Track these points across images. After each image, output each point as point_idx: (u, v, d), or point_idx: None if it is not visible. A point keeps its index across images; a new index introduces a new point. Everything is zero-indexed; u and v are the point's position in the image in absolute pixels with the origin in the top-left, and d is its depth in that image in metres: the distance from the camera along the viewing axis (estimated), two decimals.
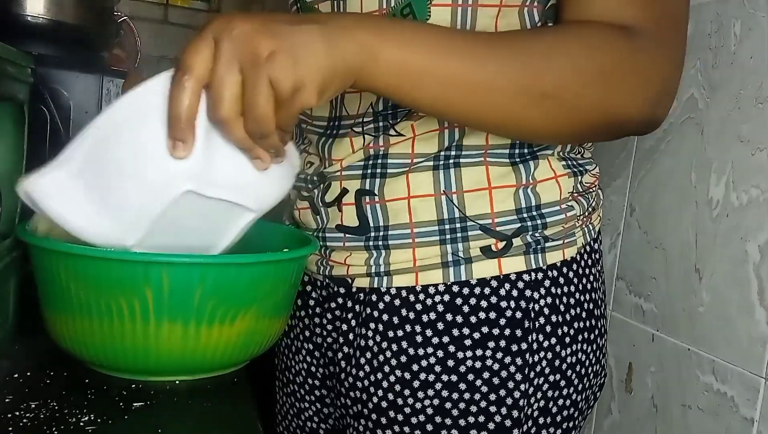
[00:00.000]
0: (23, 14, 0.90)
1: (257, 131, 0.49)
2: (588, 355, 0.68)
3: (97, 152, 0.52)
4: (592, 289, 0.69)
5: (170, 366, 0.58)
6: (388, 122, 0.64)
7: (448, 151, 0.64)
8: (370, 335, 0.66)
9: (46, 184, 0.53)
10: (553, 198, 0.65)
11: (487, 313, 0.64)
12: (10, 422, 0.48)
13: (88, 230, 0.53)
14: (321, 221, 0.70)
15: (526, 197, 0.64)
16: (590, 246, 0.70)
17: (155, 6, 2.02)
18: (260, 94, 0.47)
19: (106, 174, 0.52)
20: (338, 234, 0.68)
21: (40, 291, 0.59)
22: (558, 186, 0.66)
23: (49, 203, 0.53)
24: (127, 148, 0.51)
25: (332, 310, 0.72)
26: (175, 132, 0.49)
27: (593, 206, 0.70)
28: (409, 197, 0.64)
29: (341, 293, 0.70)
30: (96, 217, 0.53)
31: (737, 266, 0.74)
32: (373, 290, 0.67)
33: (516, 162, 0.64)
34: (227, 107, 0.47)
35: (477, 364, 0.63)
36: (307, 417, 0.79)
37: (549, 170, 0.65)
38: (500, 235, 0.64)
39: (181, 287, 0.54)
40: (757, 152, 0.72)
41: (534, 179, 0.65)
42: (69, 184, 0.52)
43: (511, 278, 0.64)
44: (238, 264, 0.57)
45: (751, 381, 0.71)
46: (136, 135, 0.51)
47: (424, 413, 0.64)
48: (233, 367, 0.63)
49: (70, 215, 0.53)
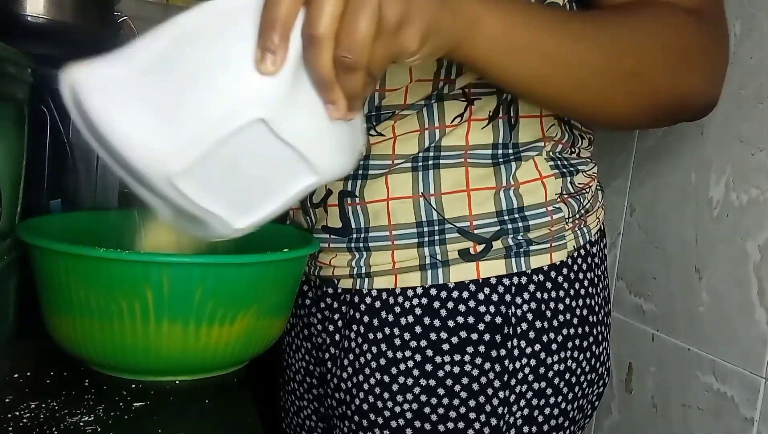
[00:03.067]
0: (23, 14, 0.90)
1: (348, 59, 0.42)
2: (580, 363, 0.66)
3: (169, 52, 0.44)
4: (587, 294, 0.67)
5: (170, 366, 0.58)
6: (371, 123, 0.64)
7: (428, 152, 0.63)
8: (353, 336, 0.66)
9: (98, 77, 0.46)
10: (537, 200, 0.64)
11: (466, 317, 0.62)
12: (10, 422, 0.48)
13: (133, 139, 0.45)
14: (310, 221, 0.71)
15: (507, 199, 0.63)
16: (585, 249, 0.67)
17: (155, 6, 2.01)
18: (364, 16, 0.41)
19: (175, 79, 0.45)
20: (324, 235, 0.68)
21: (40, 292, 0.59)
22: (543, 187, 0.64)
23: (96, 100, 0.45)
24: (207, 53, 0.44)
25: (322, 310, 0.72)
26: (266, 40, 0.42)
27: (587, 208, 0.68)
28: (388, 198, 0.64)
29: (329, 293, 0.70)
30: (148, 126, 0.45)
31: (737, 266, 0.74)
32: (357, 292, 0.67)
33: (498, 163, 0.63)
34: (326, 22, 0.41)
35: (455, 369, 0.62)
36: (306, 416, 0.79)
37: (534, 170, 0.64)
38: (478, 238, 0.62)
39: (181, 288, 0.54)
40: (757, 151, 0.72)
41: (516, 180, 0.63)
42: (126, 83, 0.45)
43: (490, 282, 0.63)
44: (238, 264, 0.57)
45: (751, 381, 0.71)
46: (221, 40, 0.44)
47: (404, 417, 0.63)
48: (233, 367, 0.63)
49: (118, 118, 0.45)
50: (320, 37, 0.42)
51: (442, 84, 0.61)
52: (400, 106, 0.63)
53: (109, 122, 0.45)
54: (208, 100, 0.45)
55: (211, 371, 0.61)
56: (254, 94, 0.45)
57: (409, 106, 0.63)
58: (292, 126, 0.47)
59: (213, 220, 0.50)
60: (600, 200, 0.72)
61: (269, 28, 0.42)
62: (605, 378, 0.71)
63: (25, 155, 0.67)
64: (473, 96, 0.63)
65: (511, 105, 0.63)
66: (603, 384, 0.71)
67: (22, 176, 0.67)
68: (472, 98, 0.62)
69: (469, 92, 0.62)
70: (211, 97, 0.45)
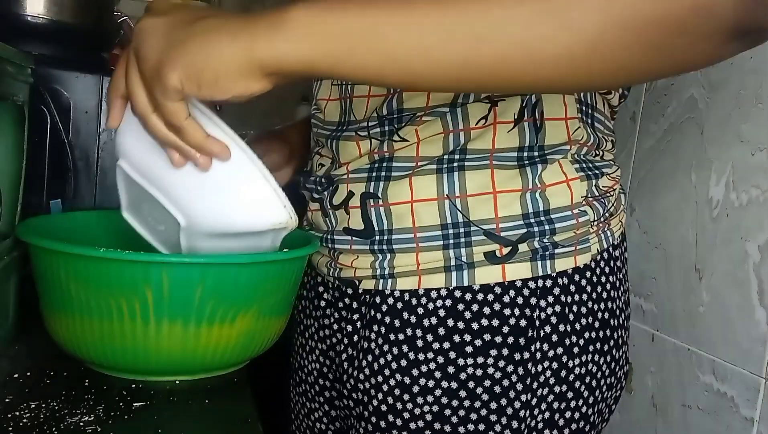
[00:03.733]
0: (23, 14, 0.90)
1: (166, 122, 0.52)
2: (600, 367, 0.65)
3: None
4: (608, 298, 0.66)
5: (170, 365, 0.58)
6: (393, 126, 0.64)
7: (453, 154, 0.62)
8: (373, 337, 0.66)
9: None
10: (563, 203, 0.63)
11: (490, 320, 0.62)
12: (10, 422, 0.48)
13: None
14: (330, 223, 0.69)
15: (533, 202, 0.62)
16: (608, 253, 0.67)
17: None
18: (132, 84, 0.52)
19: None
20: (345, 237, 0.67)
21: (40, 291, 0.59)
22: (569, 190, 0.63)
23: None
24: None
25: (339, 311, 0.71)
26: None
27: (611, 211, 0.67)
28: (413, 200, 0.63)
29: (348, 294, 0.70)
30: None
31: (737, 266, 0.74)
32: (378, 292, 0.66)
33: (524, 165, 0.62)
34: (140, 105, 0.52)
35: (478, 372, 0.62)
36: (316, 418, 0.79)
37: (560, 173, 0.63)
38: (504, 240, 0.62)
39: (181, 287, 0.54)
40: (757, 152, 0.72)
41: (542, 182, 0.62)
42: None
43: (516, 285, 0.62)
44: (237, 264, 0.57)
45: (751, 381, 0.71)
46: None
47: (423, 419, 0.63)
48: (233, 367, 0.63)
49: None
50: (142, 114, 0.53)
51: None
52: (422, 108, 0.62)
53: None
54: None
55: (211, 371, 0.61)
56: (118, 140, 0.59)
57: (432, 110, 0.62)
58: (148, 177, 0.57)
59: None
60: (623, 204, 0.71)
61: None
62: (623, 381, 0.70)
63: (25, 155, 0.67)
64: (497, 98, 0.62)
65: (536, 107, 0.63)
66: (621, 388, 0.70)
67: (22, 176, 0.67)
68: (496, 100, 0.62)
69: (492, 94, 0.62)
70: None
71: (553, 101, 0.63)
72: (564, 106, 0.64)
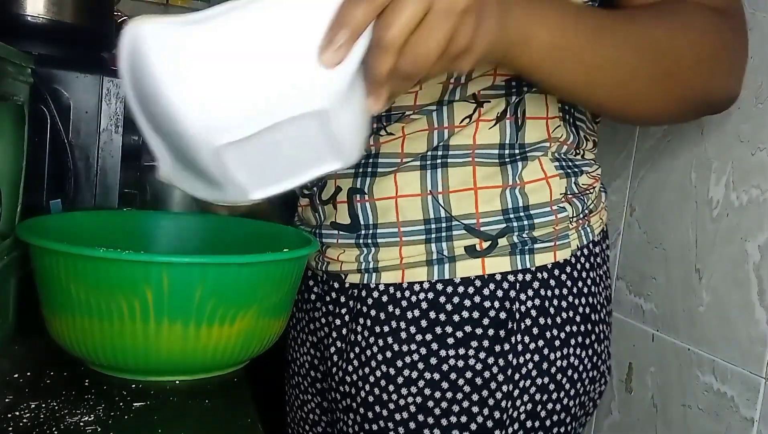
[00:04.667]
0: (23, 14, 0.90)
1: (408, 70, 0.45)
2: (582, 360, 0.67)
3: (244, 28, 0.45)
4: (589, 293, 0.68)
5: (170, 366, 0.58)
6: (381, 123, 0.65)
7: (436, 151, 0.64)
8: (360, 330, 0.67)
9: (167, 35, 0.45)
10: (542, 199, 0.65)
11: (470, 312, 0.63)
12: (10, 422, 0.48)
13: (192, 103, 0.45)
14: (318, 218, 0.71)
15: (513, 198, 0.64)
16: (588, 249, 0.69)
17: (155, 6, 2.01)
18: (438, 36, 0.44)
19: (246, 54, 0.45)
20: (333, 231, 0.69)
21: (40, 291, 0.59)
22: (548, 187, 0.65)
23: (162, 56, 0.44)
24: (283, 38, 0.45)
25: (327, 304, 0.73)
26: (335, 35, 0.44)
27: (591, 208, 0.69)
28: (397, 196, 0.65)
29: (335, 288, 0.71)
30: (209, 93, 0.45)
31: (737, 266, 0.74)
32: (364, 286, 0.68)
33: (505, 162, 0.64)
34: (400, 30, 0.43)
35: (459, 363, 0.63)
36: (309, 409, 0.80)
37: (539, 170, 0.65)
38: (484, 235, 0.64)
39: (180, 287, 0.54)
40: (757, 151, 0.73)
41: (522, 179, 0.64)
42: (195, 46, 0.45)
43: (495, 279, 0.64)
44: (237, 264, 0.57)
45: (751, 381, 0.71)
46: (299, 29, 0.45)
47: (407, 410, 0.64)
48: (233, 367, 0.63)
49: (182, 79, 0.45)
50: (390, 43, 0.44)
51: (453, 87, 0.62)
52: (410, 107, 0.63)
53: (172, 81, 0.44)
54: (274, 82, 0.45)
55: (211, 371, 0.61)
56: (321, 85, 0.46)
57: (419, 109, 0.63)
58: (341, 120, 0.48)
59: (233, 188, 0.52)
60: (603, 202, 0.73)
61: (339, 26, 0.44)
62: (606, 376, 0.72)
63: (25, 155, 0.67)
64: (483, 99, 0.63)
65: (518, 106, 0.64)
66: (604, 382, 0.72)
67: (22, 176, 0.67)
68: (481, 101, 0.63)
69: (479, 95, 0.63)
70: (278, 79, 0.45)
71: (536, 101, 0.65)
72: (546, 107, 0.65)
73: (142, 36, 0.45)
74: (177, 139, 0.48)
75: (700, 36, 0.59)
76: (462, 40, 0.45)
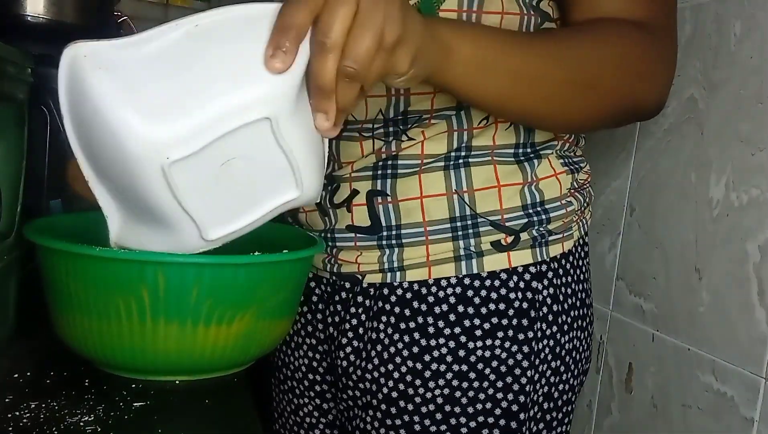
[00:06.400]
0: (23, 14, 0.90)
1: (351, 69, 0.46)
2: (582, 341, 0.72)
3: (183, 44, 0.45)
4: (584, 279, 0.74)
5: (169, 365, 0.58)
6: (399, 127, 0.66)
7: (458, 151, 0.66)
8: (382, 328, 0.69)
9: (106, 56, 0.45)
10: (554, 194, 0.69)
11: (497, 304, 0.67)
12: (10, 422, 0.48)
13: (134, 122, 0.44)
14: (329, 221, 0.72)
15: (531, 194, 0.68)
16: (583, 240, 0.74)
17: (155, 6, 2.01)
18: (371, 32, 0.46)
19: (186, 69, 0.45)
20: (349, 234, 0.70)
21: (45, 290, 0.59)
22: (558, 183, 0.69)
23: (101, 77, 0.44)
24: (222, 50, 0.46)
25: (334, 305, 0.73)
26: (278, 40, 0.45)
27: (587, 202, 0.74)
28: (422, 196, 0.67)
29: (346, 288, 0.72)
30: (151, 110, 0.44)
31: (737, 266, 0.74)
32: (386, 285, 0.69)
33: (521, 161, 0.68)
34: (337, 32, 0.45)
35: (486, 353, 0.66)
36: (306, 413, 0.80)
37: (549, 168, 0.69)
38: (509, 230, 0.67)
39: (176, 287, 0.54)
40: (757, 151, 0.72)
41: (537, 176, 0.68)
42: (135, 66, 0.45)
43: (518, 271, 0.67)
44: (233, 265, 0.57)
45: (751, 381, 0.71)
46: (237, 40, 0.46)
47: (434, 402, 0.67)
48: (235, 368, 0.63)
49: (122, 98, 0.44)
50: (330, 45, 0.45)
51: None
52: (427, 111, 0.65)
53: (112, 101, 0.44)
54: (217, 93, 0.45)
55: (210, 372, 0.61)
56: (264, 92, 0.46)
57: (437, 112, 0.66)
58: (290, 134, 0.48)
59: (185, 226, 0.51)
60: (592, 196, 0.78)
61: (283, 32, 0.46)
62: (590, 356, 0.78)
63: (25, 155, 0.67)
64: None
65: None
66: (589, 361, 0.77)
67: (22, 176, 0.67)
68: None
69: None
70: (222, 91, 0.45)
71: None
72: None
73: (80, 56, 0.46)
74: (121, 171, 0.47)
75: (620, 48, 0.62)
76: (394, 29, 0.47)
